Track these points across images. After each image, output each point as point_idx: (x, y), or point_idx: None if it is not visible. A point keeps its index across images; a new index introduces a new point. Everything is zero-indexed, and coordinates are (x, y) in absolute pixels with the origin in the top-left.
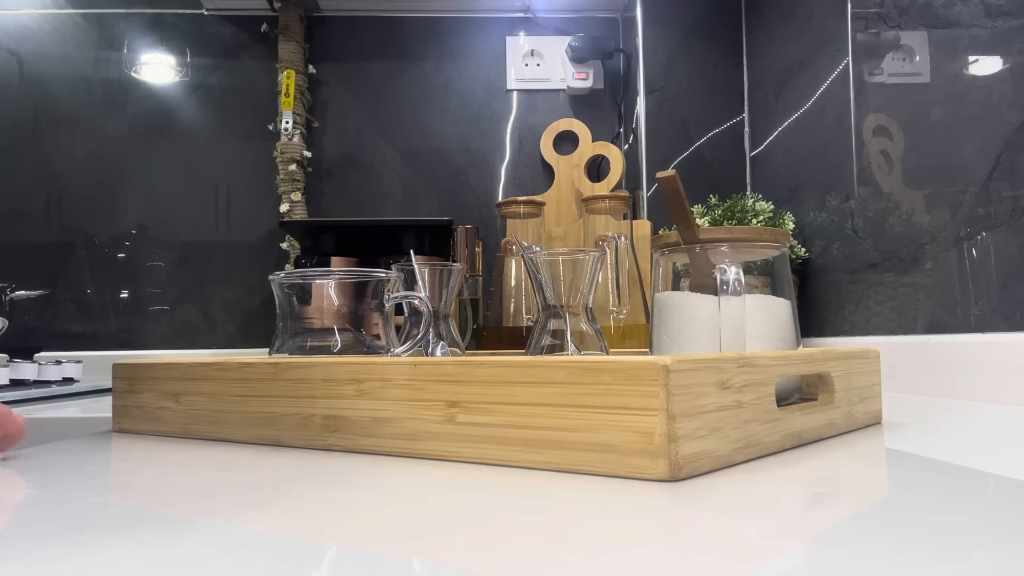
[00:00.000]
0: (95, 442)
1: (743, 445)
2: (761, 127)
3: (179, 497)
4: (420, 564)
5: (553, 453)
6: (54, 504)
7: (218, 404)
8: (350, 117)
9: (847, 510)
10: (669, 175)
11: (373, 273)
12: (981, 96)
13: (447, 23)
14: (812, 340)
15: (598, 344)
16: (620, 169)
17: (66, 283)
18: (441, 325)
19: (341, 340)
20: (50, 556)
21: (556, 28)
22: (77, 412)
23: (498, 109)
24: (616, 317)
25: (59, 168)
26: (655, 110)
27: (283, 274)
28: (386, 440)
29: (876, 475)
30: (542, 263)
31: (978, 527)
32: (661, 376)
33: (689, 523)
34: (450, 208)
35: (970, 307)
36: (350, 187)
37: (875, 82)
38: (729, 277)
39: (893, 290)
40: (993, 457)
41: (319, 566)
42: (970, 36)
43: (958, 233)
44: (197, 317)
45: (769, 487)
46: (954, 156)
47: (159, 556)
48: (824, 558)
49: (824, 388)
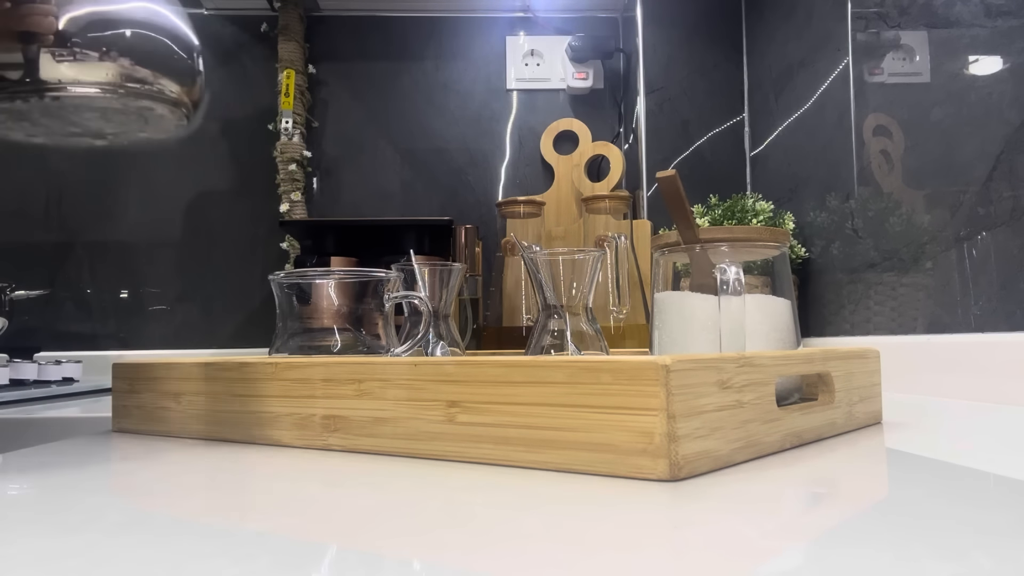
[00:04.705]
0: (95, 442)
1: (743, 445)
2: (761, 127)
3: (179, 497)
4: (420, 564)
5: (553, 453)
6: (54, 504)
7: (218, 404)
8: (350, 117)
9: (847, 510)
10: (669, 175)
11: (373, 273)
12: (981, 96)
13: (447, 23)
14: (812, 340)
15: (598, 344)
16: (620, 169)
17: (66, 283)
18: (441, 325)
19: (341, 340)
20: (50, 556)
21: (556, 28)
22: (77, 412)
23: (498, 109)
24: (616, 317)
25: (59, 168)
26: (655, 110)
27: (283, 274)
28: (386, 440)
29: (876, 475)
30: (542, 263)
31: (978, 527)
32: (661, 376)
33: (689, 523)
34: (450, 208)
35: (970, 307)
36: (350, 187)
37: (875, 82)
38: (729, 277)
39: (893, 290)
40: (993, 457)
41: (319, 566)
42: (970, 36)
43: (958, 233)
44: (197, 317)
45: (769, 487)
46: (954, 156)
47: (159, 556)
48: (824, 558)
49: (824, 388)
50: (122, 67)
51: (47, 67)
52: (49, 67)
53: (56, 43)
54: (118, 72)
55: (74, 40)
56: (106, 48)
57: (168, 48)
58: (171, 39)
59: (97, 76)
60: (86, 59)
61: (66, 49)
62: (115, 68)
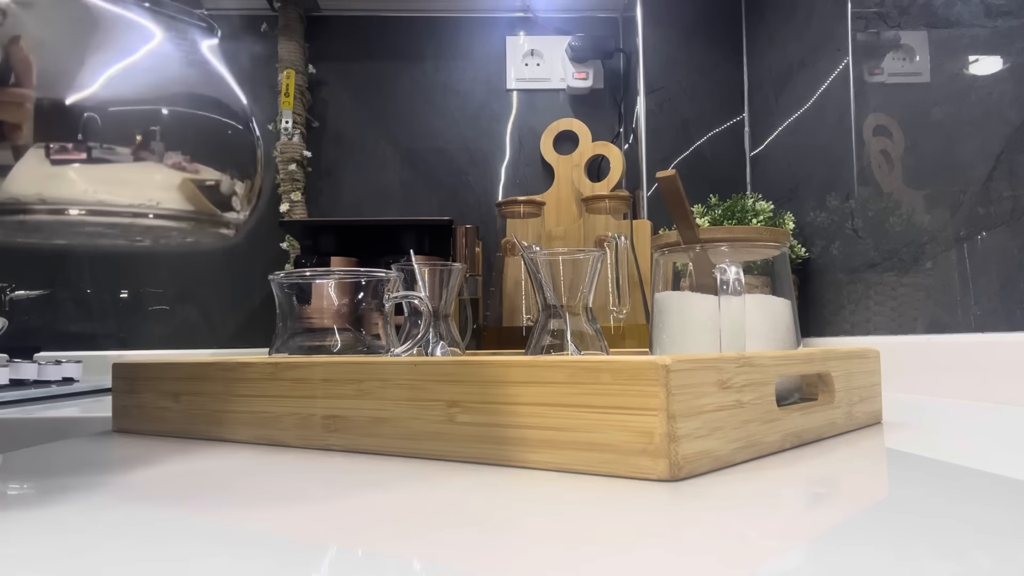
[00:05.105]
0: (95, 442)
1: (743, 445)
2: (761, 127)
3: (179, 497)
4: (420, 564)
5: (553, 453)
6: (54, 504)
7: (218, 404)
8: (350, 117)
9: (847, 510)
10: (669, 175)
11: (373, 273)
12: (981, 96)
13: (447, 23)
14: (812, 340)
15: (598, 344)
16: (620, 169)
17: (66, 283)
18: (441, 325)
19: (341, 340)
20: (50, 556)
21: (556, 28)
22: (77, 412)
23: (498, 109)
24: (616, 317)
25: None
26: (655, 110)
27: (283, 274)
28: (386, 440)
29: (876, 475)
30: (542, 263)
31: (978, 527)
32: (661, 376)
33: (689, 523)
34: (450, 208)
35: (970, 307)
36: (350, 187)
37: (875, 82)
38: (729, 277)
39: (893, 290)
40: (993, 457)
41: (319, 566)
42: (970, 36)
43: (958, 233)
44: (197, 317)
45: (769, 487)
46: (954, 156)
47: (159, 556)
48: (824, 558)
49: (824, 388)
50: (169, 167)
51: (29, 176)
52: (33, 177)
53: (43, 134)
54: (165, 180)
55: (89, 125)
56: (142, 138)
57: (221, 125)
58: (222, 104)
59: (126, 194)
60: (111, 159)
61: (74, 146)
62: (158, 172)
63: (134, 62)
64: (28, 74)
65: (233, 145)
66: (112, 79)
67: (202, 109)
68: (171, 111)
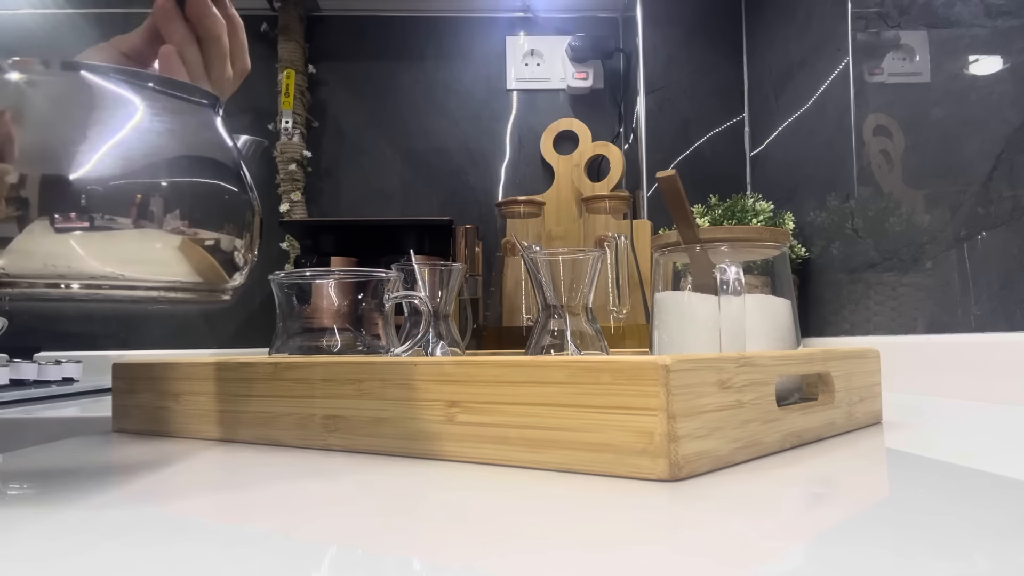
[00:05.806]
0: (95, 442)
1: (743, 445)
2: (761, 127)
3: (179, 497)
4: (420, 564)
5: (553, 453)
6: (54, 504)
7: (218, 404)
8: (350, 117)
9: (847, 510)
10: (669, 175)
11: (373, 273)
12: (981, 96)
13: (447, 23)
14: (812, 340)
15: (598, 344)
16: (620, 169)
17: None
18: (441, 325)
19: (341, 340)
20: (50, 556)
21: (556, 28)
22: (77, 412)
23: (498, 109)
24: (616, 317)
25: None
26: (655, 110)
27: (283, 274)
28: (386, 440)
29: (876, 475)
30: (542, 263)
31: (978, 527)
32: (661, 376)
33: (689, 523)
34: (450, 208)
35: (970, 307)
36: (350, 187)
37: (875, 82)
38: (729, 277)
39: (893, 290)
40: (993, 457)
41: (319, 566)
42: (970, 36)
43: (958, 233)
44: (197, 317)
45: (769, 487)
46: (954, 156)
47: (159, 556)
48: (824, 558)
49: (824, 388)
50: (171, 234)
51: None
52: (23, 255)
53: (46, 208)
54: (168, 254)
55: (88, 193)
56: (141, 203)
57: (219, 190)
58: (222, 168)
59: (129, 269)
60: (112, 228)
61: (72, 214)
62: (161, 242)
63: (141, 139)
64: (8, 147)
65: (231, 207)
66: (110, 153)
67: (206, 171)
68: (174, 183)
